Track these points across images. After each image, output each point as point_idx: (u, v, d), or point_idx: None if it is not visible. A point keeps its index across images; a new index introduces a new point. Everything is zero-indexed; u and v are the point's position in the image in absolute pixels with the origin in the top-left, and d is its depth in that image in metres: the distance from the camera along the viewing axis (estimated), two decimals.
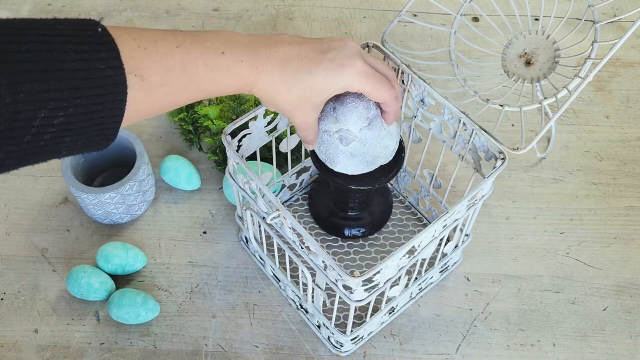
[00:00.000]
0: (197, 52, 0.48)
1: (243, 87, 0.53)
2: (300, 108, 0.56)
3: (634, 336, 0.73)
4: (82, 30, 0.42)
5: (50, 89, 0.39)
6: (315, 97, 0.55)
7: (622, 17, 0.64)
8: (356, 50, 0.56)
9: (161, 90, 0.46)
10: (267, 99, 0.55)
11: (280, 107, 0.56)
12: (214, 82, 0.50)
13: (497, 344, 0.72)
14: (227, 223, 0.80)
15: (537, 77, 0.69)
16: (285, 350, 0.71)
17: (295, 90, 0.54)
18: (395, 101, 0.59)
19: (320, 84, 0.54)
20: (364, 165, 0.64)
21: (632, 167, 0.86)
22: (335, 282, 0.59)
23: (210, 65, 0.49)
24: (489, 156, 0.64)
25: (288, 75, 0.53)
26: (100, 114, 0.42)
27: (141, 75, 0.44)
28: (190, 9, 1.04)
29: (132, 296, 0.70)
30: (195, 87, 0.49)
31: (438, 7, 0.84)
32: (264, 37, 0.54)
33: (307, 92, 0.54)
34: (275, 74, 0.53)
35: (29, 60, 0.39)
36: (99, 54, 0.42)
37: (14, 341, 0.71)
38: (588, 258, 0.78)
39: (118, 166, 0.83)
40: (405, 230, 0.80)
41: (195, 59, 0.48)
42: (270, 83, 0.53)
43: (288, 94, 0.54)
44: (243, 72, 0.51)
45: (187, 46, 0.48)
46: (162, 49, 0.46)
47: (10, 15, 1.02)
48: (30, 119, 0.39)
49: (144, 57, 0.45)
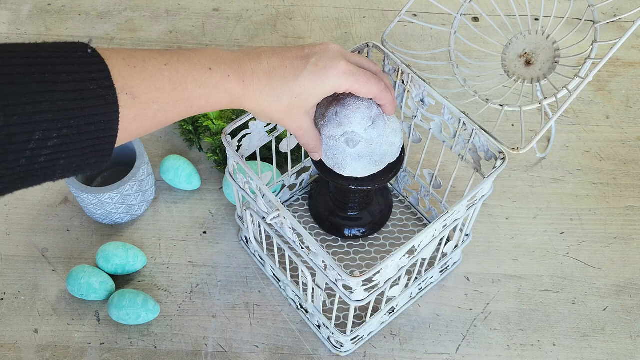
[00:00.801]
0: (185, 69, 0.49)
1: (232, 102, 0.53)
2: (292, 115, 0.57)
3: (634, 336, 0.73)
4: (72, 52, 0.42)
5: (43, 111, 0.39)
6: (304, 102, 0.56)
7: (622, 17, 0.64)
8: (338, 52, 0.57)
9: (152, 108, 0.47)
10: (258, 111, 0.56)
11: (273, 117, 0.56)
12: (203, 98, 0.51)
13: (497, 344, 0.72)
14: (227, 223, 0.80)
15: (537, 77, 0.69)
16: (285, 350, 0.71)
17: (284, 98, 0.55)
18: (386, 92, 0.60)
19: (308, 88, 0.55)
20: (372, 165, 0.64)
21: (632, 167, 0.86)
22: (335, 282, 0.59)
23: (199, 81, 0.50)
24: (489, 156, 0.64)
25: (275, 85, 0.54)
26: (93, 134, 0.43)
27: (132, 93, 0.45)
28: (190, 9, 1.04)
29: (132, 297, 0.70)
30: (185, 103, 0.50)
31: (438, 7, 0.84)
32: (246, 52, 0.55)
33: (297, 98, 0.55)
34: (262, 85, 0.54)
35: (21, 82, 0.39)
36: (90, 74, 0.42)
37: (14, 341, 0.71)
38: (588, 258, 0.78)
39: (118, 166, 0.83)
40: (405, 230, 0.80)
41: (184, 75, 0.49)
42: (258, 95, 0.54)
43: (278, 102, 0.55)
44: (231, 86, 0.52)
45: (175, 64, 0.48)
46: (151, 67, 0.47)
47: (11, 15, 1.02)
48: (25, 141, 0.39)
49: (134, 75, 0.45)
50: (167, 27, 1.01)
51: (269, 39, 1.00)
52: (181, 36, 1.00)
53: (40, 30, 1.00)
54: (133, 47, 0.98)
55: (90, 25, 1.01)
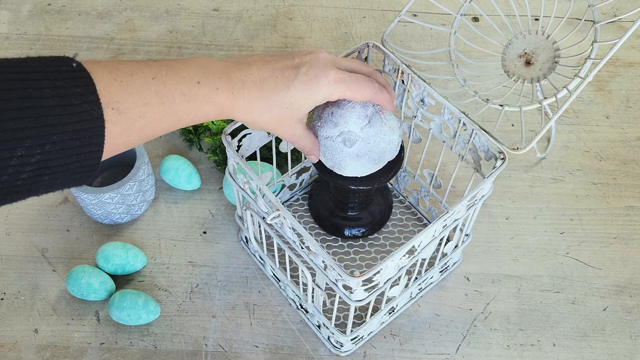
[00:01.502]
0: (173, 83, 0.48)
1: (221, 114, 0.53)
2: (284, 124, 0.56)
3: (634, 336, 0.73)
4: (57, 67, 0.41)
5: (27, 127, 0.39)
6: (296, 112, 0.56)
7: (622, 17, 0.64)
8: (328, 60, 0.57)
9: (139, 123, 0.46)
10: (249, 121, 0.55)
11: (264, 127, 0.56)
12: (192, 112, 0.50)
13: (497, 344, 0.72)
14: (227, 223, 0.80)
15: (537, 77, 0.69)
16: (285, 350, 0.71)
17: (275, 109, 0.54)
18: (381, 93, 0.59)
19: (300, 98, 0.55)
20: (371, 164, 0.64)
21: (632, 167, 0.86)
22: (335, 282, 0.59)
23: (187, 95, 0.49)
24: (489, 156, 0.64)
25: (266, 96, 0.54)
26: (78, 150, 0.42)
27: (118, 108, 0.44)
28: (190, 9, 1.04)
29: (133, 298, 0.70)
30: (172, 117, 0.49)
31: (438, 7, 0.84)
32: (235, 62, 0.54)
33: (288, 108, 0.55)
34: (252, 97, 0.53)
35: (3, 99, 0.38)
36: (75, 89, 0.41)
37: (14, 341, 0.71)
38: (588, 258, 0.78)
39: (118, 166, 0.83)
40: (405, 230, 0.80)
41: (172, 90, 0.48)
42: (249, 106, 0.53)
43: (270, 113, 0.54)
44: (220, 99, 0.51)
45: (163, 77, 0.48)
46: (138, 80, 0.46)
47: (11, 15, 1.02)
48: (7, 158, 0.38)
49: (120, 90, 0.44)
50: (167, 27, 1.01)
51: (269, 39, 1.00)
52: (181, 36, 1.00)
53: (40, 30, 1.00)
54: (133, 47, 0.98)
55: (90, 25, 1.01)
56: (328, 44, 0.99)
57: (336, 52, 0.98)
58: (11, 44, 0.98)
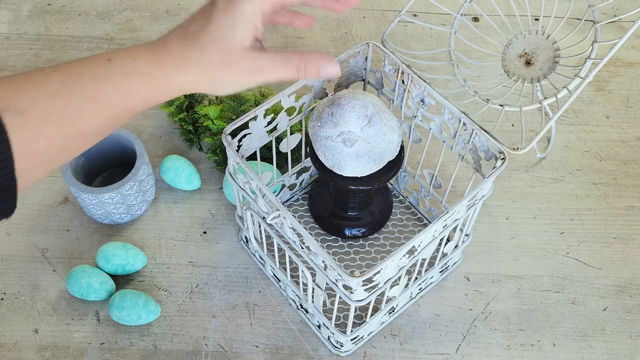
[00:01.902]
0: (79, 67, 0.43)
1: (156, 87, 0.46)
2: (231, 58, 0.47)
3: (634, 336, 0.73)
4: None
5: None
6: (232, 39, 0.47)
7: (622, 17, 0.64)
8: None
9: (52, 121, 0.41)
10: (191, 80, 0.47)
11: (214, 75, 0.47)
12: (115, 93, 0.44)
13: (497, 344, 0.72)
14: (227, 223, 0.80)
15: (537, 77, 0.69)
16: (285, 350, 0.71)
17: (210, 47, 0.46)
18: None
19: (227, 24, 0.46)
20: (371, 164, 0.64)
21: (632, 167, 0.86)
22: (335, 282, 0.59)
23: (99, 75, 0.43)
24: (489, 156, 0.64)
25: (192, 40, 0.46)
26: None
27: (18, 109, 0.39)
28: (190, 9, 1.04)
29: (133, 298, 0.70)
30: (94, 105, 0.43)
31: (438, 7, 0.84)
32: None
33: (221, 39, 0.46)
34: (179, 49, 0.46)
35: None
36: None
37: (14, 341, 0.71)
38: (588, 258, 0.78)
39: (118, 166, 0.83)
40: (405, 230, 0.80)
41: (79, 74, 0.43)
42: (181, 61, 0.46)
43: (205, 54, 0.46)
44: (142, 68, 0.45)
45: (66, 67, 0.43)
46: (35, 76, 0.41)
47: (11, 15, 1.02)
48: None
49: (15, 90, 0.40)
50: (167, 27, 1.01)
51: (269, 39, 1.00)
52: None
53: (40, 30, 1.00)
54: None
55: (90, 25, 1.01)
56: (328, 44, 0.99)
57: (336, 52, 0.98)
58: (11, 44, 0.98)
